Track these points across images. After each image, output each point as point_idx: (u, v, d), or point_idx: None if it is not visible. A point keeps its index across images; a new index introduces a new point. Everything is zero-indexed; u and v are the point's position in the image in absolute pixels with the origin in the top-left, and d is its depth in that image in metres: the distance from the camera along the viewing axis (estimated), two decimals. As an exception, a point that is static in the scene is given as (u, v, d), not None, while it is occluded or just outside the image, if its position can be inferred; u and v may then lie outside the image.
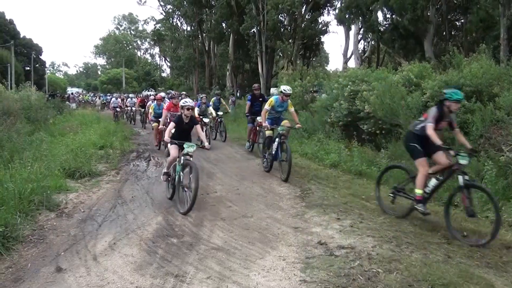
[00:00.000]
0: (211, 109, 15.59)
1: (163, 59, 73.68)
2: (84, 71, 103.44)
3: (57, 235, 5.82)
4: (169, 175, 7.84)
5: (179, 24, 51.71)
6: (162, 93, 18.60)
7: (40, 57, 66.42)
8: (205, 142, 7.76)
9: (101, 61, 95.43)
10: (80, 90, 73.61)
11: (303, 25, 32.43)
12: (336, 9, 31.58)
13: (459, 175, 5.75)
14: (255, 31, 33.61)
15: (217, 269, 4.69)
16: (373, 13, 24.54)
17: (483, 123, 8.53)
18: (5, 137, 10.90)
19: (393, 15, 25.18)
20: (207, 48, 45.45)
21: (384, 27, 26.20)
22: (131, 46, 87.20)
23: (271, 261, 4.91)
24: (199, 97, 17.69)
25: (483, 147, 8.28)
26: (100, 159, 11.48)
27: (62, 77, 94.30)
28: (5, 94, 17.36)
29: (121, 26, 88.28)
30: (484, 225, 6.09)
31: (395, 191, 6.81)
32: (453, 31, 28.69)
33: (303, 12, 32.71)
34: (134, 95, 36.88)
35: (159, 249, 5.30)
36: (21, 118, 15.23)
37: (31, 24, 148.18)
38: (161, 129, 11.12)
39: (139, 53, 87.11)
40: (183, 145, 7.31)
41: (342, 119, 12.80)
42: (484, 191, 5.94)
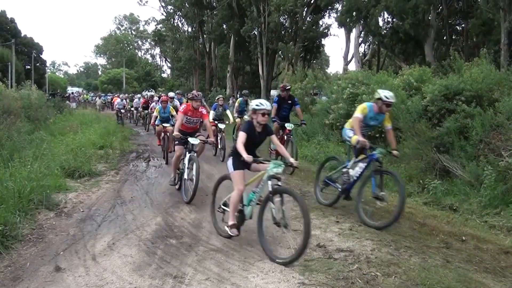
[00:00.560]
0: (228, 112, 13.16)
1: (164, 59, 73.78)
2: (85, 70, 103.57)
3: (56, 234, 5.82)
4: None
5: (180, 25, 51.75)
6: (171, 93, 16.43)
7: (41, 56, 66.56)
8: (289, 158, 5.77)
9: (101, 61, 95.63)
10: (80, 90, 73.66)
11: (304, 27, 32.47)
12: (338, 12, 31.64)
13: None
14: (256, 33, 33.65)
15: (215, 270, 4.70)
16: (374, 17, 24.56)
17: (483, 128, 8.55)
18: (5, 135, 10.90)
19: (393, 19, 25.23)
20: (207, 50, 45.50)
21: (385, 30, 26.22)
22: (131, 46, 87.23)
23: (269, 263, 4.91)
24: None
25: (482, 152, 8.29)
26: (99, 159, 11.48)
27: (63, 76, 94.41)
28: (5, 92, 17.33)
29: (122, 26, 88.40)
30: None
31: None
32: (453, 36, 28.75)
33: (304, 15, 32.74)
34: (140, 95, 35.43)
35: (158, 250, 5.30)
36: (21, 117, 15.22)
37: (32, 23, 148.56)
38: (176, 135, 8.15)
39: (139, 54, 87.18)
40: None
41: (341, 120, 12.82)
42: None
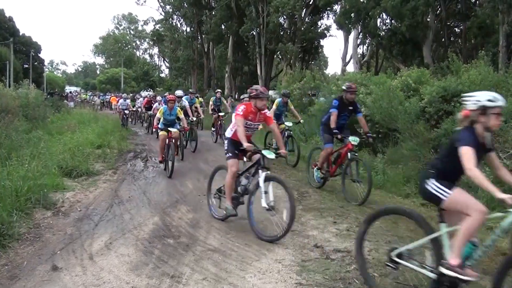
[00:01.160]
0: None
1: (162, 59, 73.71)
2: (83, 70, 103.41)
3: (54, 233, 5.80)
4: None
5: (178, 25, 51.73)
6: (179, 91, 13.50)
7: (39, 55, 66.55)
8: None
9: (100, 60, 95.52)
10: (78, 89, 73.55)
11: (302, 28, 32.50)
12: (336, 14, 31.67)
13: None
14: (254, 33, 33.66)
15: (213, 270, 4.69)
16: (373, 18, 24.60)
17: (480, 129, 8.55)
18: (3, 134, 10.88)
19: (392, 20, 25.27)
20: (206, 50, 45.48)
21: (383, 32, 26.26)
22: (130, 46, 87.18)
23: (267, 263, 4.91)
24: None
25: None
26: (97, 159, 11.47)
27: (61, 75, 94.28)
28: (3, 91, 17.31)
29: (120, 25, 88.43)
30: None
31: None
32: (452, 37, 28.81)
33: (303, 16, 32.77)
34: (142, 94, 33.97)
35: (155, 250, 5.29)
36: (19, 116, 15.21)
37: (30, 22, 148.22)
38: (248, 147, 5.95)
39: (138, 53, 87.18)
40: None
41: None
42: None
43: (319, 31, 34.74)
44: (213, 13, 39.98)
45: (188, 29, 48.94)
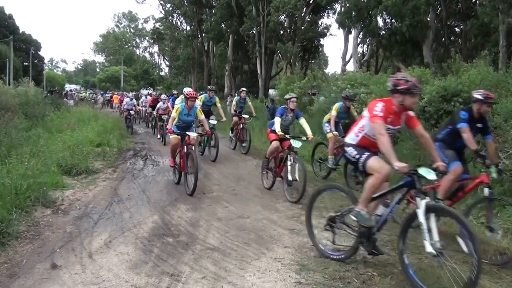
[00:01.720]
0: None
1: (162, 58, 73.61)
2: (83, 68, 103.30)
3: (53, 231, 5.81)
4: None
5: (178, 23, 51.71)
6: (187, 89, 10.29)
7: (39, 53, 66.49)
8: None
9: (100, 58, 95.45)
10: (78, 87, 73.50)
11: (303, 27, 32.48)
12: (336, 13, 31.68)
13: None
14: (254, 32, 33.64)
15: (212, 269, 4.69)
16: (373, 17, 24.59)
17: (480, 129, 8.56)
18: (2, 132, 10.89)
19: (392, 20, 25.25)
20: (206, 48, 45.44)
21: (384, 31, 26.25)
22: (130, 44, 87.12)
23: (266, 262, 4.92)
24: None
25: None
26: (97, 157, 11.47)
27: (61, 73, 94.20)
28: (3, 89, 17.31)
29: (120, 24, 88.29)
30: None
31: None
32: (452, 37, 28.80)
33: (303, 15, 32.75)
34: (146, 92, 31.23)
35: (154, 248, 5.29)
36: (18, 113, 15.22)
37: (30, 20, 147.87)
38: (401, 168, 4.20)
39: (138, 52, 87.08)
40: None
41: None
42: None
43: (319, 30, 34.73)
44: (213, 11, 39.96)
45: (188, 28, 48.91)
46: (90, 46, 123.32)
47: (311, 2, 32.59)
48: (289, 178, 7.78)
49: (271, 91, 31.07)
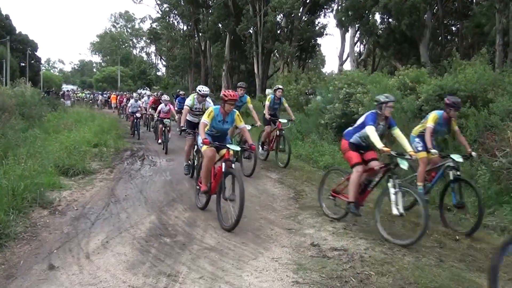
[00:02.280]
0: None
1: (159, 58, 73.49)
2: (79, 68, 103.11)
3: (50, 232, 5.80)
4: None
5: (175, 23, 51.60)
6: (203, 87, 9.52)
7: (36, 53, 66.33)
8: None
9: (96, 58, 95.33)
10: (75, 88, 73.32)
11: (300, 27, 32.48)
12: (333, 11, 31.67)
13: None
14: (251, 32, 33.62)
15: (209, 269, 4.70)
16: (371, 16, 24.60)
17: (477, 128, 8.60)
18: (-1, 133, 10.87)
19: (388, 19, 25.26)
20: (203, 48, 45.37)
21: (381, 30, 26.26)
22: (127, 44, 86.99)
23: (264, 262, 4.92)
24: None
25: (476, 152, 8.33)
26: (94, 157, 11.45)
27: (58, 74, 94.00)
28: (0, 89, 17.28)
29: (117, 24, 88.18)
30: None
31: None
32: (448, 36, 28.85)
33: (299, 14, 32.74)
34: (148, 92, 28.18)
35: (152, 248, 5.29)
36: (15, 114, 15.17)
37: (27, 20, 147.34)
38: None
39: (134, 52, 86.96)
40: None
41: (336, 120, 12.84)
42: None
43: (316, 29, 34.73)
44: (210, 11, 39.90)
45: (185, 28, 48.77)
46: (87, 46, 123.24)
47: (307, 1, 32.58)
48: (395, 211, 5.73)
49: (268, 91, 31.04)
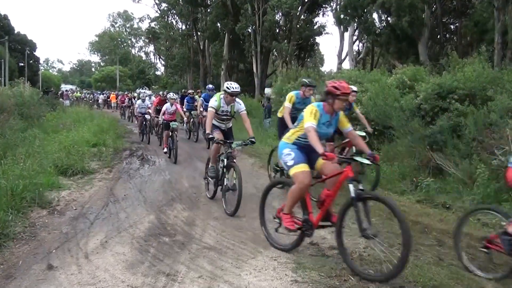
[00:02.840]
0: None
1: (158, 57, 73.56)
2: (78, 68, 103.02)
3: (49, 232, 5.79)
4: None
5: (174, 22, 51.64)
6: (233, 84, 7.58)
7: (34, 53, 66.20)
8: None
9: (95, 58, 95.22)
10: (73, 87, 73.23)
11: (298, 25, 32.49)
12: (332, 10, 31.70)
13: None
14: (250, 31, 33.61)
15: (208, 268, 4.69)
16: (370, 14, 24.61)
17: (476, 126, 8.59)
18: (-2, 133, 10.87)
19: (387, 17, 25.28)
20: (201, 47, 45.43)
21: (379, 29, 26.28)
22: (125, 44, 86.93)
23: (263, 261, 4.92)
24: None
25: (475, 150, 8.34)
26: (93, 157, 11.44)
27: (56, 73, 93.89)
28: (-2, 90, 17.30)
29: (116, 23, 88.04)
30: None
31: None
32: (447, 35, 28.87)
33: (298, 13, 32.74)
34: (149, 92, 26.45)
35: (151, 248, 5.28)
36: (14, 114, 15.17)
37: (25, 20, 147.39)
38: None
39: (133, 51, 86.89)
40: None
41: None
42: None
43: (314, 28, 34.75)
44: (209, 10, 39.90)
45: (184, 27, 48.88)
46: (85, 46, 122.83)
47: (306, 0, 32.59)
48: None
49: (267, 90, 31.04)
